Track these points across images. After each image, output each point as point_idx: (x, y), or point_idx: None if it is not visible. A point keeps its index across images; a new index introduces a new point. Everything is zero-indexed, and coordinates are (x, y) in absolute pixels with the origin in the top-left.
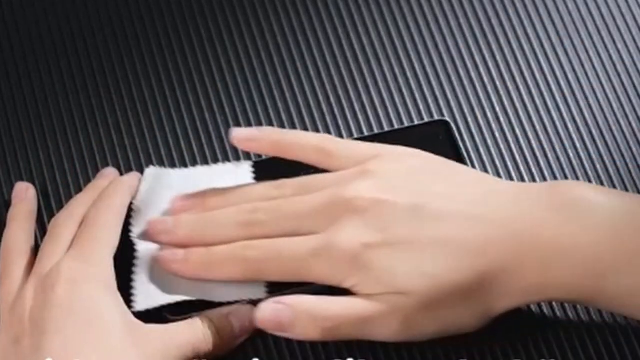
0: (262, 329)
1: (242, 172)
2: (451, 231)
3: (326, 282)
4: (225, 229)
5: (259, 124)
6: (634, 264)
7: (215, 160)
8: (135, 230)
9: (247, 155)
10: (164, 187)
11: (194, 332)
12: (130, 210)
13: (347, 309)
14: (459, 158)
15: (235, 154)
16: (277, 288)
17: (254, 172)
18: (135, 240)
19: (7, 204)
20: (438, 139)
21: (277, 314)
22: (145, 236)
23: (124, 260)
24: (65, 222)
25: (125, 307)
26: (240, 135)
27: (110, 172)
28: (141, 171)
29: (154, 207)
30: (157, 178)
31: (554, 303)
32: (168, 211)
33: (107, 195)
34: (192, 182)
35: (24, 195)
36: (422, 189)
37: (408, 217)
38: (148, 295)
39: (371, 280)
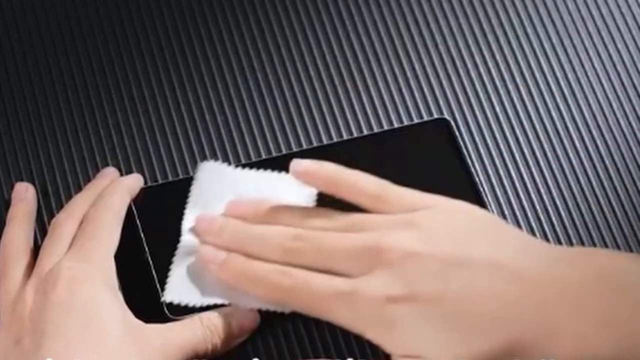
0: None
1: (307, 191)
2: (482, 293)
3: (347, 328)
4: (266, 247)
5: (259, 124)
6: None
7: (215, 160)
8: (186, 222)
9: (247, 156)
10: (225, 184)
11: (194, 331)
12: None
13: None
14: (459, 156)
15: (235, 155)
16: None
17: (318, 195)
18: (183, 231)
19: (7, 204)
20: (438, 138)
21: None
22: (193, 230)
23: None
24: (66, 221)
25: (125, 306)
26: (299, 168)
27: (110, 171)
28: (141, 171)
29: (210, 203)
30: (218, 174)
31: None
32: (222, 210)
33: (107, 194)
34: (254, 185)
35: (24, 195)
36: (463, 247)
37: (439, 273)
38: (180, 291)
39: (389, 339)
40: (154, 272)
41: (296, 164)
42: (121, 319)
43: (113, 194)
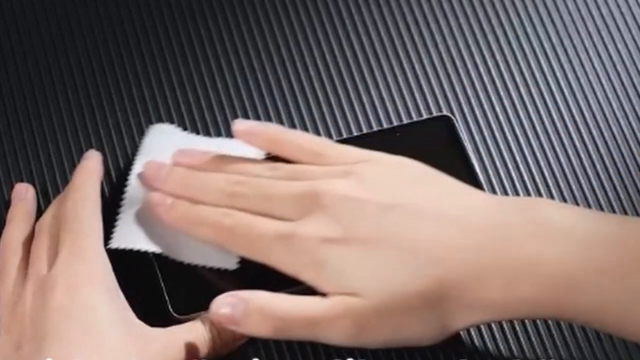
0: (216, 323)
1: (253, 152)
2: (414, 235)
3: (284, 269)
4: (210, 192)
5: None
6: (602, 283)
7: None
8: (134, 171)
9: None
10: (174, 143)
11: (194, 334)
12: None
13: (298, 308)
14: (462, 154)
15: None
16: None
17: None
18: (129, 180)
19: (7, 204)
20: (441, 135)
21: (231, 308)
22: (139, 178)
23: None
24: (51, 222)
25: (126, 306)
26: (241, 127)
27: (92, 155)
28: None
29: (158, 157)
30: (165, 134)
31: None
32: (168, 161)
33: (80, 186)
34: (203, 145)
35: (24, 195)
36: (398, 193)
37: (374, 216)
38: (125, 236)
39: (325, 278)
40: (158, 272)
41: (238, 124)
42: (121, 321)
43: (85, 184)
